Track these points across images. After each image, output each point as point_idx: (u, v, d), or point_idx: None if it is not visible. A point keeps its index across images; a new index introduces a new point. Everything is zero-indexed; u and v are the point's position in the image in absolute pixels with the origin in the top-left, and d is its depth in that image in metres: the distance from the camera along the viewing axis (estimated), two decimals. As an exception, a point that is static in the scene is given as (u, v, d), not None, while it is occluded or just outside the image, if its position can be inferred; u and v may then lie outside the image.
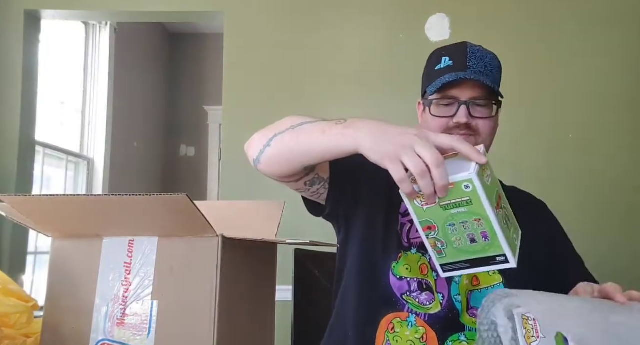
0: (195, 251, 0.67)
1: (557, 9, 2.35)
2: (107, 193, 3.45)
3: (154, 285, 0.67)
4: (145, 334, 0.65)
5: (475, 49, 1.08)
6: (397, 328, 1.00)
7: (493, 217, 0.75)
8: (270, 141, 0.97)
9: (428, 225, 0.78)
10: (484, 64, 1.06)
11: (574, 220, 2.19)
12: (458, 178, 0.74)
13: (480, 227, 0.76)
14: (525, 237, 1.04)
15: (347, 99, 2.38)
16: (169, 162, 4.51)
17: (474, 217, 0.76)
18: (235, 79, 2.42)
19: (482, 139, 1.06)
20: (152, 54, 4.32)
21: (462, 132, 1.04)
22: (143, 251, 0.68)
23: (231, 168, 2.38)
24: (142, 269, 0.67)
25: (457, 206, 0.75)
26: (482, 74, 1.04)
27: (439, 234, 0.78)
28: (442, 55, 1.08)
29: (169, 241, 0.68)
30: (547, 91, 2.32)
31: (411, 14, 2.38)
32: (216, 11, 2.49)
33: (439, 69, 1.07)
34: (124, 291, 0.67)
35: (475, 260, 0.79)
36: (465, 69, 1.04)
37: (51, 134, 3.05)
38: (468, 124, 1.03)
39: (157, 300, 0.66)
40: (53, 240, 0.72)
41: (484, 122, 1.06)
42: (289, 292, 1.50)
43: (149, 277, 0.67)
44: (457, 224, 0.77)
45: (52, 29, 3.05)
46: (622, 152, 2.27)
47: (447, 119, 1.05)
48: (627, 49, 2.31)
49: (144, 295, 0.67)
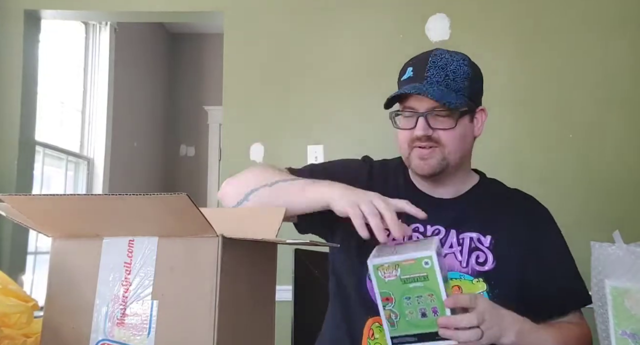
0: (195, 251, 0.66)
1: (558, 9, 2.35)
2: (107, 193, 3.45)
3: (154, 285, 0.66)
4: (145, 333, 0.65)
5: (439, 57, 1.05)
6: (377, 334, 1.01)
7: (444, 293, 0.84)
8: (247, 196, 1.03)
9: (387, 297, 0.87)
10: (444, 72, 1.02)
11: (573, 221, 2.20)
12: (419, 254, 0.85)
13: (432, 302, 0.84)
14: (516, 249, 1.04)
15: (347, 99, 2.38)
16: (169, 162, 4.51)
17: (428, 292, 0.84)
18: (235, 79, 2.42)
19: (447, 149, 1.03)
20: (152, 54, 4.32)
21: (423, 144, 1.03)
22: (143, 251, 0.68)
23: (231, 168, 2.38)
24: (142, 269, 0.67)
25: (415, 280, 0.85)
26: (440, 83, 1.02)
27: (395, 306, 0.86)
28: (408, 65, 1.08)
29: (169, 241, 0.67)
30: (548, 91, 2.32)
31: (411, 14, 2.38)
32: (216, 11, 2.49)
33: (403, 80, 1.07)
34: (124, 291, 0.67)
35: (423, 335, 0.85)
36: (422, 80, 1.02)
37: (51, 134, 3.05)
38: (428, 136, 1.02)
39: (157, 300, 0.66)
40: (53, 240, 0.72)
41: (445, 133, 1.02)
42: (289, 292, 1.50)
43: (149, 277, 0.67)
44: (413, 297, 0.85)
45: (52, 29, 3.05)
46: (623, 152, 2.26)
47: (410, 130, 1.04)
48: (628, 49, 2.31)
49: (144, 295, 0.66)
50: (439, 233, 1.06)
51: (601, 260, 0.75)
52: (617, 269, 0.73)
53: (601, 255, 0.75)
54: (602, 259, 0.74)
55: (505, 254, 1.03)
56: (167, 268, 0.67)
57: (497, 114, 2.33)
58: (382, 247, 0.93)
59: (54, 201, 0.68)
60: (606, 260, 0.74)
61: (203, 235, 0.66)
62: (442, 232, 1.06)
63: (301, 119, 2.38)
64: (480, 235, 1.05)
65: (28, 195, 0.69)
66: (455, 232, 1.05)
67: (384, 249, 0.91)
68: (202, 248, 0.66)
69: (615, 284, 0.73)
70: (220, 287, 0.65)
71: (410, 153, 1.06)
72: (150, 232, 0.68)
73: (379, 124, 1.81)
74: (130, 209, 0.66)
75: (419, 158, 1.04)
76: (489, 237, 1.05)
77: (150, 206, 0.65)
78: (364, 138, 2.31)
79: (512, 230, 1.06)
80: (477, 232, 1.05)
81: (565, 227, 1.13)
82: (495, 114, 2.33)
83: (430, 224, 1.06)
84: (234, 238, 0.68)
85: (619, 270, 0.72)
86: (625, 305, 0.71)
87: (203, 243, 0.66)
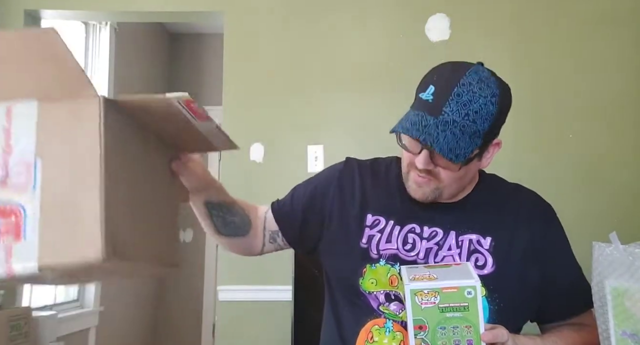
0: (76, 115, 0.63)
1: (558, 9, 2.35)
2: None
3: (37, 150, 0.63)
4: (30, 189, 0.62)
5: (467, 89, 0.93)
6: (376, 336, 1.00)
7: (482, 327, 0.81)
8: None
9: (420, 325, 0.82)
10: (465, 111, 0.92)
11: (573, 221, 2.19)
12: (463, 283, 0.82)
13: (469, 335, 0.81)
14: (517, 251, 1.02)
15: (346, 99, 2.38)
16: (169, 162, 4.50)
17: (466, 324, 0.81)
18: (235, 79, 2.42)
19: (444, 184, 0.99)
20: (152, 54, 4.32)
21: (421, 175, 0.99)
22: (23, 117, 0.64)
23: (231, 168, 2.38)
24: (22, 135, 0.64)
25: (454, 310, 0.81)
26: (456, 124, 0.92)
27: (428, 335, 0.82)
28: (431, 82, 0.96)
29: (49, 105, 0.64)
30: (548, 91, 2.32)
31: (411, 14, 2.38)
32: (216, 11, 2.49)
33: (419, 100, 0.97)
34: (4, 157, 0.64)
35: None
36: (438, 114, 0.92)
37: (51, 134, 3.05)
38: (428, 170, 0.98)
39: (40, 159, 0.63)
40: None
41: (445, 172, 0.98)
42: (289, 292, 1.50)
43: (31, 143, 0.64)
44: (448, 327, 0.82)
45: (52, 29, 3.05)
46: (623, 152, 2.27)
47: (412, 155, 0.99)
48: (628, 49, 2.31)
49: (27, 160, 0.63)
50: (436, 235, 1.04)
51: (601, 260, 0.75)
52: (617, 269, 0.73)
53: (601, 255, 0.75)
54: (602, 260, 0.75)
55: (505, 257, 1.01)
56: (50, 133, 0.64)
57: (497, 114, 2.33)
58: (411, 266, 0.92)
59: None
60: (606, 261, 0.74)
61: (84, 96, 0.63)
62: (440, 234, 1.04)
63: (301, 119, 2.38)
64: (480, 237, 1.02)
65: None
66: (455, 233, 1.03)
67: (416, 271, 0.89)
68: (83, 111, 0.63)
69: (615, 284, 0.73)
70: (106, 152, 0.62)
71: (409, 172, 1.03)
72: (28, 93, 0.64)
73: (379, 124, 1.81)
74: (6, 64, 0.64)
75: (414, 182, 1.02)
76: (489, 238, 1.02)
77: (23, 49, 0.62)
78: (364, 138, 2.31)
79: (513, 231, 1.04)
80: (477, 233, 1.03)
81: (565, 227, 1.13)
82: (495, 114, 2.34)
83: (428, 225, 1.04)
84: (117, 100, 0.65)
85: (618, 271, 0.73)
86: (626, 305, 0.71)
87: (84, 106, 0.63)
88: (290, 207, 1.16)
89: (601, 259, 0.74)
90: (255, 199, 2.53)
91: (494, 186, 1.13)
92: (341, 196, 1.12)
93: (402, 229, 1.05)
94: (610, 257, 0.73)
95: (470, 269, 0.87)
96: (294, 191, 1.19)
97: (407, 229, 1.05)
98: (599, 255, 0.75)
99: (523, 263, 1.02)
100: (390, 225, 1.06)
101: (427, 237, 1.04)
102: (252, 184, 2.35)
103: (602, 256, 0.74)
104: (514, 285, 1.00)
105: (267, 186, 2.33)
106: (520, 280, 1.01)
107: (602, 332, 0.75)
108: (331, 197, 1.13)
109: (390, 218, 1.07)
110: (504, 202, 1.09)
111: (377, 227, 1.06)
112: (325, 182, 1.16)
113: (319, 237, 1.13)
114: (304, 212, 1.14)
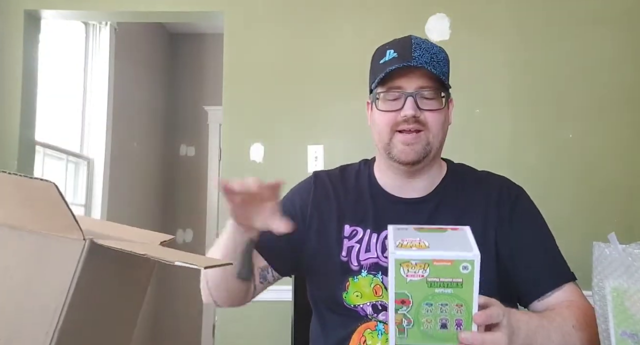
0: (48, 252, 0.50)
1: (558, 9, 2.35)
2: (106, 193, 3.45)
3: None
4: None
5: (421, 40, 1.03)
6: (369, 340, 1.00)
7: (476, 306, 0.71)
8: (205, 284, 1.07)
9: (402, 299, 0.71)
10: (429, 54, 1.00)
11: (572, 220, 2.20)
12: (460, 256, 0.70)
13: (458, 314, 0.70)
14: (491, 235, 1.02)
15: (346, 99, 2.37)
16: (169, 162, 4.50)
17: (457, 302, 0.70)
18: (235, 79, 2.42)
19: (432, 134, 1.00)
20: (152, 54, 4.32)
21: (410, 127, 0.99)
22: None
23: (231, 168, 2.38)
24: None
25: (445, 286, 0.70)
26: (428, 64, 0.99)
27: (411, 311, 0.71)
28: (387, 48, 1.04)
29: (14, 232, 0.51)
30: (548, 91, 2.32)
31: (411, 14, 2.38)
32: (216, 11, 2.49)
33: (384, 62, 1.02)
34: None
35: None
36: (411, 59, 0.98)
37: (51, 134, 3.05)
38: (416, 117, 0.98)
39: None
40: None
41: (432, 114, 1.00)
42: (289, 292, 1.50)
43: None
44: (436, 304, 0.71)
45: (52, 29, 3.05)
46: (623, 152, 2.26)
47: (395, 113, 1.00)
48: (629, 49, 2.31)
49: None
50: None
51: (601, 260, 0.75)
52: (617, 269, 0.73)
53: (601, 255, 0.75)
54: (602, 260, 0.74)
55: (480, 242, 1.00)
56: (1, 267, 0.50)
57: (497, 113, 2.33)
58: (399, 228, 0.78)
59: None
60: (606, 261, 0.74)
61: (65, 235, 0.50)
62: None
63: (301, 119, 2.38)
64: None
65: None
66: None
67: (404, 234, 0.76)
68: (58, 250, 0.50)
69: (615, 284, 0.73)
70: (68, 309, 0.49)
71: (391, 139, 1.02)
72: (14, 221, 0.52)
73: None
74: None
75: (403, 143, 1.01)
76: None
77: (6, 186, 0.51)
78: (364, 138, 2.30)
79: (485, 216, 1.03)
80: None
81: (564, 227, 1.13)
82: (495, 113, 2.34)
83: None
84: (107, 246, 0.51)
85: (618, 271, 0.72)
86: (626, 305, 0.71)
87: (61, 244, 0.50)
88: (272, 237, 1.08)
89: (601, 259, 0.74)
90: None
91: (463, 175, 1.12)
92: (319, 213, 1.11)
93: (379, 235, 1.04)
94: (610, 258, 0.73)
95: (469, 237, 0.74)
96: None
97: (384, 234, 1.04)
98: (599, 255, 0.75)
99: (496, 246, 1.02)
100: (368, 234, 1.05)
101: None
102: (252, 184, 2.34)
103: (602, 256, 0.74)
104: (493, 270, 0.99)
105: (267, 186, 2.32)
106: (497, 264, 1.01)
107: (602, 331, 0.75)
108: (309, 216, 1.11)
109: (367, 226, 1.06)
110: (474, 191, 1.08)
111: (356, 237, 1.05)
112: (300, 202, 1.13)
113: (305, 259, 1.11)
114: (288, 240, 1.04)
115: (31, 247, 0.50)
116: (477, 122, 2.30)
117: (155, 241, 0.66)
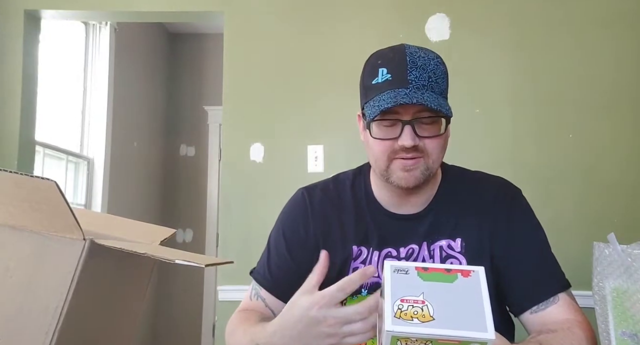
0: (47, 252, 0.50)
1: (558, 9, 2.35)
2: (106, 193, 3.45)
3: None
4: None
5: (415, 54, 0.94)
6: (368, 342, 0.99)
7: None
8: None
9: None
10: (427, 74, 0.92)
11: (572, 220, 2.20)
12: (472, 336, 0.57)
13: None
14: (487, 245, 1.00)
15: (346, 99, 2.37)
16: (169, 162, 4.51)
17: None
18: (235, 79, 2.43)
19: (432, 159, 0.96)
20: (152, 54, 4.32)
21: (409, 156, 0.94)
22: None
23: (231, 168, 2.39)
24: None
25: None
26: (426, 87, 0.91)
27: None
28: (379, 66, 0.96)
29: (15, 232, 0.51)
30: (548, 91, 2.32)
31: (411, 14, 2.38)
32: (216, 11, 2.49)
33: (377, 84, 0.94)
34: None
35: None
36: (407, 84, 0.91)
37: (51, 134, 3.05)
38: (415, 145, 0.92)
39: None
40: None
41: (432, 141, 0.94)
42: (289, 292, 1.50)
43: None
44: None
45: (52, 29, 3.05)
46: (622, 152, 2.26)
47: (392, 141, 0.94)
48: (629, 49, 2.31)
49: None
50: (413, 253, 1.02)
51: (601, 260, 0.75)
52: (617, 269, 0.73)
53: (601, 255, 0.75)
54: (602, 260, 0.74)
55: (477, 254, 0.99)
56: (1, 267, 0.50)
57: (497, 114, 2.33)
58: (399, 270, 0.65)
59: None
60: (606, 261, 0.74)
61: (64, 235, 0.50)
62: (416, 249, 1.02)
63: (301, 119, 2.38)
64: (450, 241, 1.01)
65: None
66: (426, 244, 1.02)
67: (404, 285, 0.63)
68: (59, 250, 0.50)
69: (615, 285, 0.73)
70: (68, 309, 0.49)
71: (389, 165, 0.97)
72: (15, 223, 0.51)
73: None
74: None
75: (402, 170, 0.96)
76: (459, 239, 1.01)
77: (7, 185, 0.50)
78: (364, 138, 2.31)
79: (480, 226, 1.02)
80: (447, 238, 1.02)
81: (564, 227, 1.13)
82: (495, 114, 2.34)
83: (404, 245, 1.03)
84: (106, 246, 0.51)
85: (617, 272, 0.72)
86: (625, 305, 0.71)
87: (62, 245, 0.50)
88: (284, 279, 1.06)
89: (601, 260, 0.74)
90: (255, 199, 2.54)
91: (458, 181, 1.09)
92: (324, 236, 1.07)
93: (380, 253, 1.03)
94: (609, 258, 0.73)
95: (484, 297, 0.61)
96: (272, 260, 1.10)
97: (385, 253, 1.03)
98: (599, 255, 0.75)
99: (491, 253, 1.00)
100: (370, 253, 1.04)
101: (405, 257, 1.02)
102: (252, 184, 2.35)
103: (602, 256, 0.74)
104: (490, 282, 0.98)
105: (267, 186, 2.33)
106: (494, 274, 0.99)
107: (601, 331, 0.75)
108: (314, 239, 1.07)
109: (371, 245, 1.05)
110: (468, 198, 1.05)
111: (361, 257, 1.05)
112: (304, 228, 1.09)
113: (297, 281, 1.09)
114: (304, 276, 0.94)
115: (31, 247, 0.50)
116: (477, 122, 2.30)
117: (156, 236, 0.65)
